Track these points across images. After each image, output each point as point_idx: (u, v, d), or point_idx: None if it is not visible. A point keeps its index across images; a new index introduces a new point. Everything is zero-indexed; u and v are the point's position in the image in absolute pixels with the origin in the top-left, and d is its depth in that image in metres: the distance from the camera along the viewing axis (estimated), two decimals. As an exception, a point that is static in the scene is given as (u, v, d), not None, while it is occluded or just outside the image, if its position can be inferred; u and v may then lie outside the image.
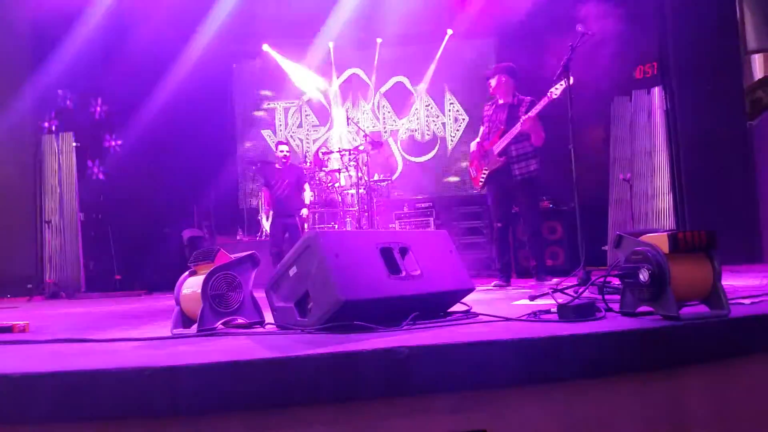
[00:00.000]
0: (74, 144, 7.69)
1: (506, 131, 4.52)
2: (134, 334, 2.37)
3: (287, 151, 6.62)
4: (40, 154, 7.70)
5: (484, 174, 4.64)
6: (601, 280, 2.16)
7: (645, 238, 1.97)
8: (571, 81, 4.12)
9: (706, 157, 6.17)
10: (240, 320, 2.31)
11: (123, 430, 1.52)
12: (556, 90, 4.18)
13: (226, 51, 8.05)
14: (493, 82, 4.70)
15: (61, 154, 7.72)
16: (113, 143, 7.67)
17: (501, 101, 4.70)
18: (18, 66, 7.12)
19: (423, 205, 7.07)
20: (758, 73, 5.99)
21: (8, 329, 2.65)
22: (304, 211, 6.52)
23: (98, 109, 7.67)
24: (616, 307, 2.07)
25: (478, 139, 4.79)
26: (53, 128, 7.76)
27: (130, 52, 7.05)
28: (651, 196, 6.87)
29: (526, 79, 4.95)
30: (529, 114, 4.37)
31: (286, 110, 8.88)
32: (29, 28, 7.18)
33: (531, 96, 4.63)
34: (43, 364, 1.70)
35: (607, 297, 2.11)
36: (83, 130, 7.67)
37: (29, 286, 7.09)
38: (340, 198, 7.02)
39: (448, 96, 8.53)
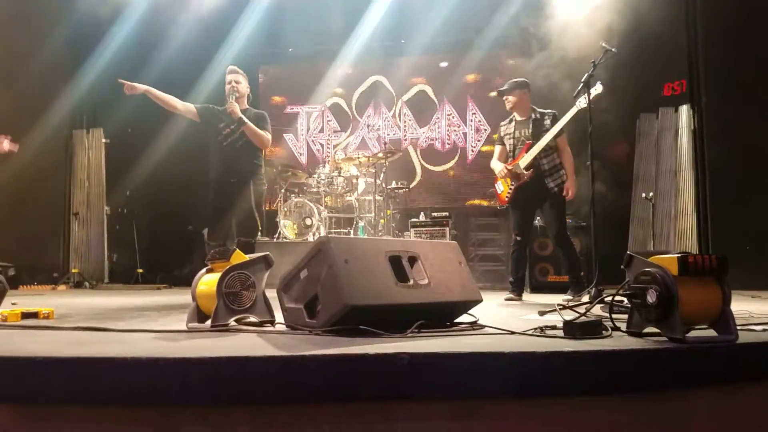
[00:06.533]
0: (105, 140, 7.94)
1: (533, 145, 4.51)
2: (151, 326, 2.45)
3: (236, 82, 4.45)
4: (71, 148, 7.98)
5: (511, 189, 4.60)
6: (611, 298, 2.16)
7: (654, 259, 1.96)
8: (593, 96, 4.16)
9: (731, 178, 6.09)
10: (252, 318, 2.38)
11: (136, 415, 1.59)
12: (581, 102, 4.21)
13: (252, 56, 8.19)
14: (511, 98, 4.63)
15: (91, 149, 7.98)
16: (142, 140, 7.85)
17: (519, 117, 4.68)
18: (57, 63, 7.35)
19: (440, 215, 7.05)
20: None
21: (34, 315, 2.79)
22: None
23: (130, 106, 7.85)
24: (624, 327, 2.07)
25: (501, 164, 4.69)
26: (84, 123, 8.04)
27: (163, 54, 7.26)
28: (674, 216, 6.77)
29: (543, 95, 4.97)
30: (560, 122, 4.38)
31: (309, 115, 8.98)
32: (69, 26, 7.41)
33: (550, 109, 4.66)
34: (64, 348, 1.79)
35: (616, 317, 2.11)
36: (114, 126, 7.88)
37: (55, 275, 7.33)
38: (357, 204, 7.05)
39: (470, 106, 8.55)
